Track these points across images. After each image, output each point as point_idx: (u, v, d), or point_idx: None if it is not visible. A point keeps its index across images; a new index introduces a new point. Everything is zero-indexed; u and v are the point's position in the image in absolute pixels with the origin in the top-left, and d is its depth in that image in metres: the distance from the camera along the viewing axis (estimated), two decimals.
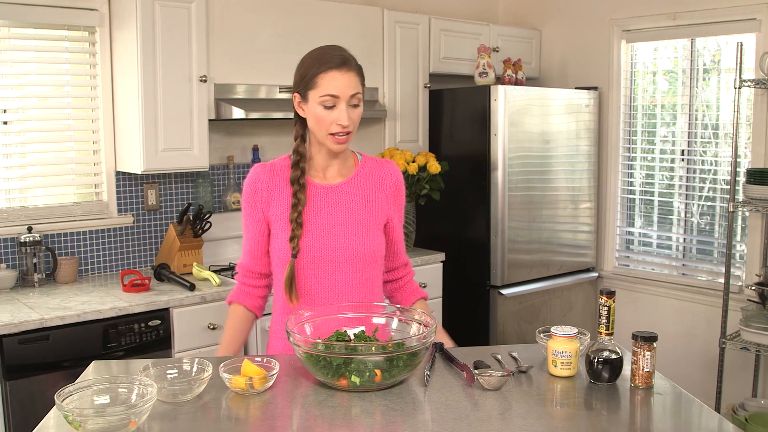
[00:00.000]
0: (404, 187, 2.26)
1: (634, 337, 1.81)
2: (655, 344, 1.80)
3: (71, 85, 3.50)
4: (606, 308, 1.80)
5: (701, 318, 4.20)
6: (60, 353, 2.88)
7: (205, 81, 3.45)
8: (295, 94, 2.08)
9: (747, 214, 3.99)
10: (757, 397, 3.95)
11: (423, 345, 1.77)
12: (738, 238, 3.99)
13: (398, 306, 2.07)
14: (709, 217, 4.33)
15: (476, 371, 1.81)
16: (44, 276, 3.34)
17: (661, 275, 4.49)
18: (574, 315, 4.56)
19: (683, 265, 4.45)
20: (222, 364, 1.78)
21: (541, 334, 2.05)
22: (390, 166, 2.23)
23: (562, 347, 1.85)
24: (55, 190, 3.52)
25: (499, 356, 2.01)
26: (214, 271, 3.48)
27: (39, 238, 3.31)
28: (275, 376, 1.77)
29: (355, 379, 1.73)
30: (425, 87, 4.33)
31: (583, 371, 1.89)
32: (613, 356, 1.82)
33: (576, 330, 1.87)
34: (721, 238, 4.25)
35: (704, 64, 4.28)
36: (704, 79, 4.29)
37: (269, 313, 2.26)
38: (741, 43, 3.59)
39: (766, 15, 3.82)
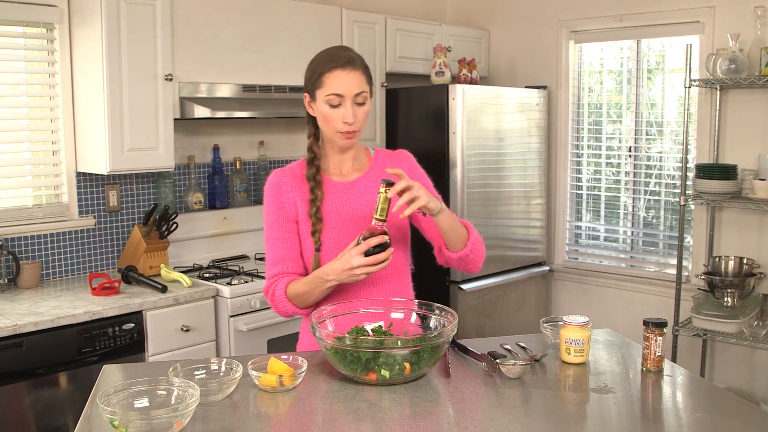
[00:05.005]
0: (417, 165, 2.25)
1: (646, 323, 1.90)
2: (665, 329, 1.89)
3: (28, 84, 3.38)
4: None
5: (651, 308, 4.38)
6: (34, 360, 2.79)
7: (171, 80, 3.38)
8: (305, 93, 2.12)
9: (693, 207, 4.19)
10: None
11: (447, 339, 1.81)
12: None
13: (417, 301, 2.09)
14: (654, 211, 4.52)
15: (497, 360, 1.86)
16: (6, 281, 3.21)
17: (609, 267, 4.66)
18: (528, 308, 4.68)
19: (631, 257, 4.63)
20: (249, 362, 1.78)
21: (546, 324, 2.13)
22: (401, 154, 2.27)
23: (576, 335, 1.92)
24: (12, 192, 3.39)
25: (508, 346, 2.07)
26: (181, 272, 3.42)
27: (0, 243, 3.18)
28: (304, 373, 1.78)
29: (385, 372, 1.75)
30: (382, 86, 4.37)
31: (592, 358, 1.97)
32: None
33: (587, 318, 1.95)
34: (666, 230, 4.45)
35: (649, 65, 4.47)
36: (649, 78, 4.48)
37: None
38: (690, 45, 3.77)
39: (709, 18, 4.02)
